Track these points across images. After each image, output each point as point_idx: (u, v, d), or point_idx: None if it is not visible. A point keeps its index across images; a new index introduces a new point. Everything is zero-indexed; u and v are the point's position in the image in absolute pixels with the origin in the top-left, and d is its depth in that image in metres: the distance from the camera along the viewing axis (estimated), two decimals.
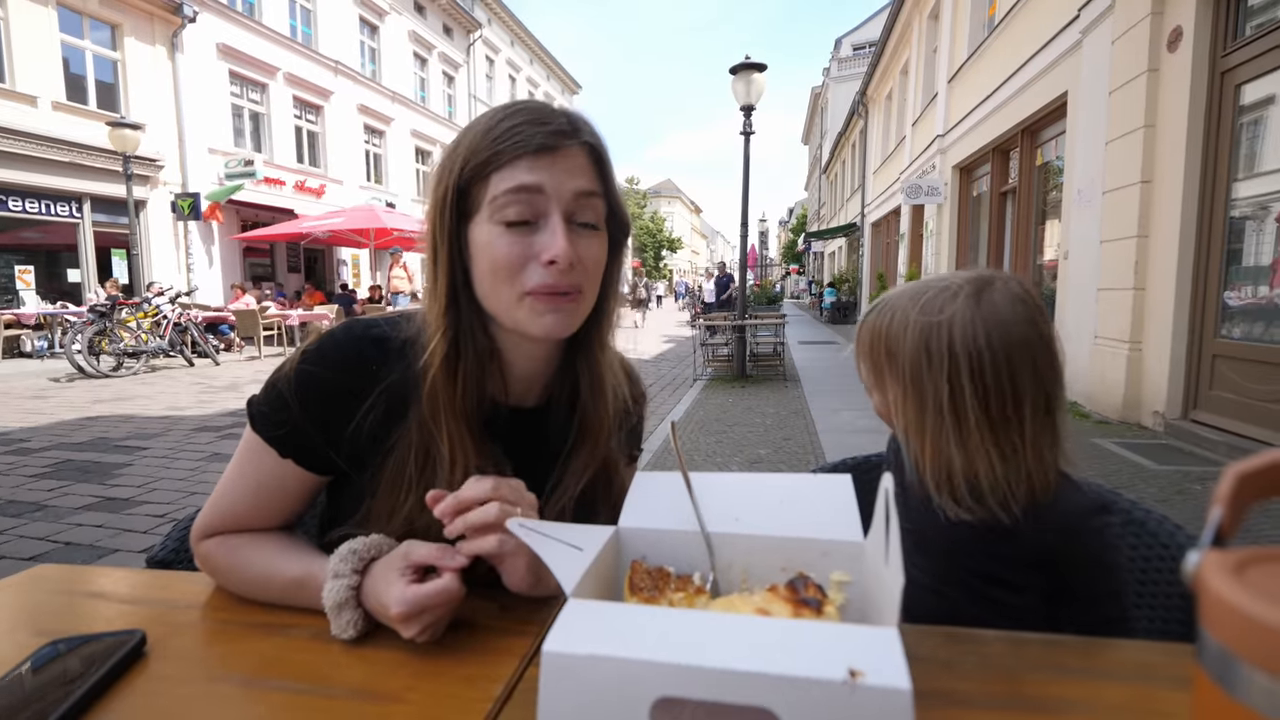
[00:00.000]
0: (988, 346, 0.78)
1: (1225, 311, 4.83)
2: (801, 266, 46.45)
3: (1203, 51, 4.82)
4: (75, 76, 11.92)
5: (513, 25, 27.31)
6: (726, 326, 9.03)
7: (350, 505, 0.79)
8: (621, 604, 0.52)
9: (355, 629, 0.65)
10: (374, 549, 0.70)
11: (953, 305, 0.80)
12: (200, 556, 0.79)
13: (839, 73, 31.39)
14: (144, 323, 9.47)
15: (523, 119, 0.72)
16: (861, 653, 0.41)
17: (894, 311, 0.85)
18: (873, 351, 0.87)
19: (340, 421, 0.76)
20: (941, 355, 0.79)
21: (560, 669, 0.43)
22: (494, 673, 0.60)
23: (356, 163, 18.73)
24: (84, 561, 2.89)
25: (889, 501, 0.50)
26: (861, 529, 0.61)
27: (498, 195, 0.70)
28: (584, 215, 0.74)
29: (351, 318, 0.82)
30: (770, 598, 0.54)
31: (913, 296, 0.84)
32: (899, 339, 0.83)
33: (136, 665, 0.61)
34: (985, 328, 0.79)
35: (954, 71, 10.95)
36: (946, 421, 0.80)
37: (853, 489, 0.65)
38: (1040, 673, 0.59)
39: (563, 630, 0.44)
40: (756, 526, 0.63)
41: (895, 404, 0.85)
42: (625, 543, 0.65)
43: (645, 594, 0.57)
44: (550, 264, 0.70)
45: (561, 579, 0.53)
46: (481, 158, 0.71)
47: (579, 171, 0.73)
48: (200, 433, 5.48)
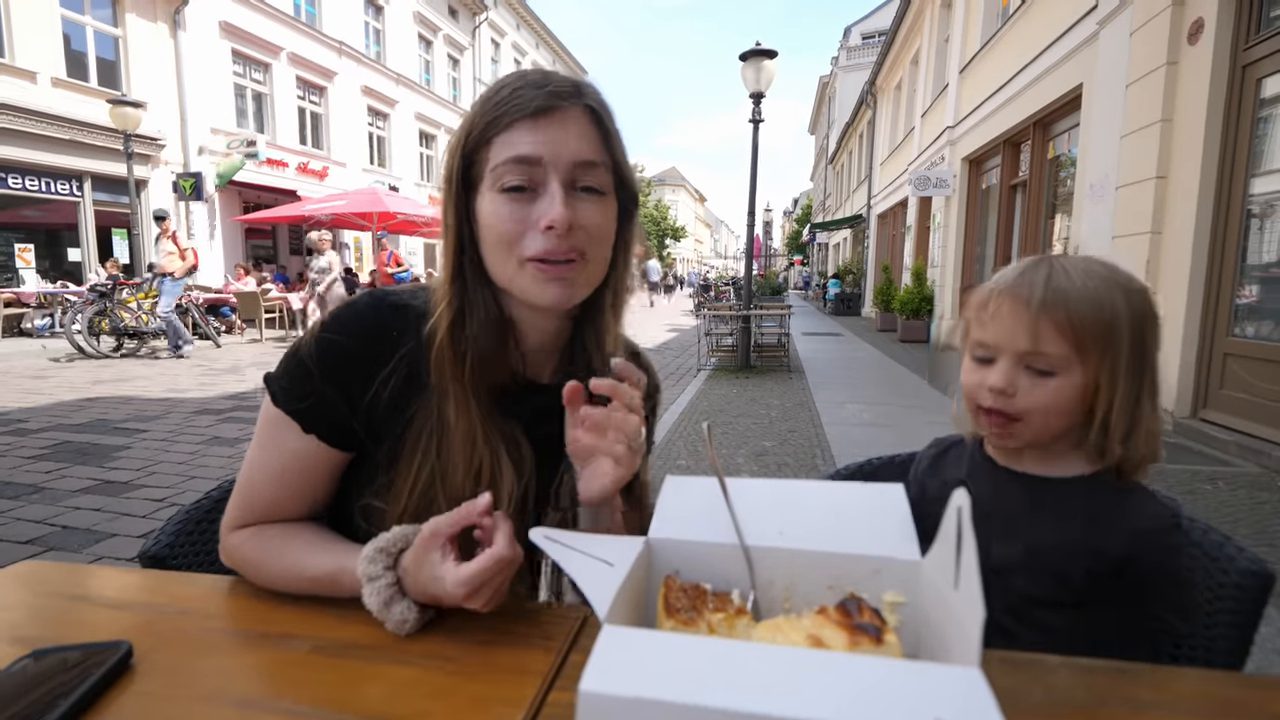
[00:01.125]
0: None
1: (1238, 310, 4.76)
2: (805, 258, 46.12)
3: (1224, 44, 4.72)
4: (76, 53, 11.79)
5: (519, 8, 27.03)
6: (731, 316, 8.96)
7: (361, 484, 0.79)
8: (664, 634, 0.46)
9: (412, 622, 0.63)
10: (400, 542, 0.67)
11: (1115, 270, 0.80)
12: (229, 549, 0.78)
13: (847, 62, 31.05)
14: (145, 303, 9.41)
15: (523, 83, 0.72)
16: (947, 699, 0.36)
17: (1078, 278, 0.78)
18: (1089, 322, 0.77)
19: (361, 389, 0.75)
20: (1147, 316, 0.78)
21: (600, 712, 0.37)
22: (513, 695, 0.55)
23: (360, 145, 18.57)
24: (81, 546, 2.86)
25: (963, 520, 0.45)
26: (918, 546, 0.56)
27: (498, 164, 0.70)
28: (586, 180, 0.73)
29: (371, 288, 0.81)
30: (821, 621, 0.49)
31: (1069, 271, 0.79)
32: (1112, 304, 0.77)
33: (121, 680, 0.56)
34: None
35: (966, 62, 10.80)
36: (1148, 393, 0.79)
37: (907, 501, 0.60)
38: (1111, 706, 0.54)
39: (601, 666, 0.39)
40: (802, 540, 0.58)
41: (1109, 378, 0.78)
42: (657, 555, 0.59)
43: (682, 615, 0.52)
44: (548, 229, 0.69)
45: (593, 600, 0.47)
46: (482, 125, 0.72)
47: (579, 136, 0.72)
48: (200, 415, 5.44)
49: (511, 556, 0.61)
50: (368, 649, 0.61)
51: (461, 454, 0.74)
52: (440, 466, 0.74)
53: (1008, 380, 0.78)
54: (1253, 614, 0.85)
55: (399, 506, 0.75)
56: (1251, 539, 2.91)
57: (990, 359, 0.81)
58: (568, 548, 0.53)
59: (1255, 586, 0.84)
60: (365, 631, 0.64)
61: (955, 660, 0.42)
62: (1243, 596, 0.85)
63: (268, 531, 0.76)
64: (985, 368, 0.82)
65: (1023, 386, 0.78)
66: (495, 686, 0.56)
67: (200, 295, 10.95)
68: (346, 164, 17.81)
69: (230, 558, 0.78)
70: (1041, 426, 0.79)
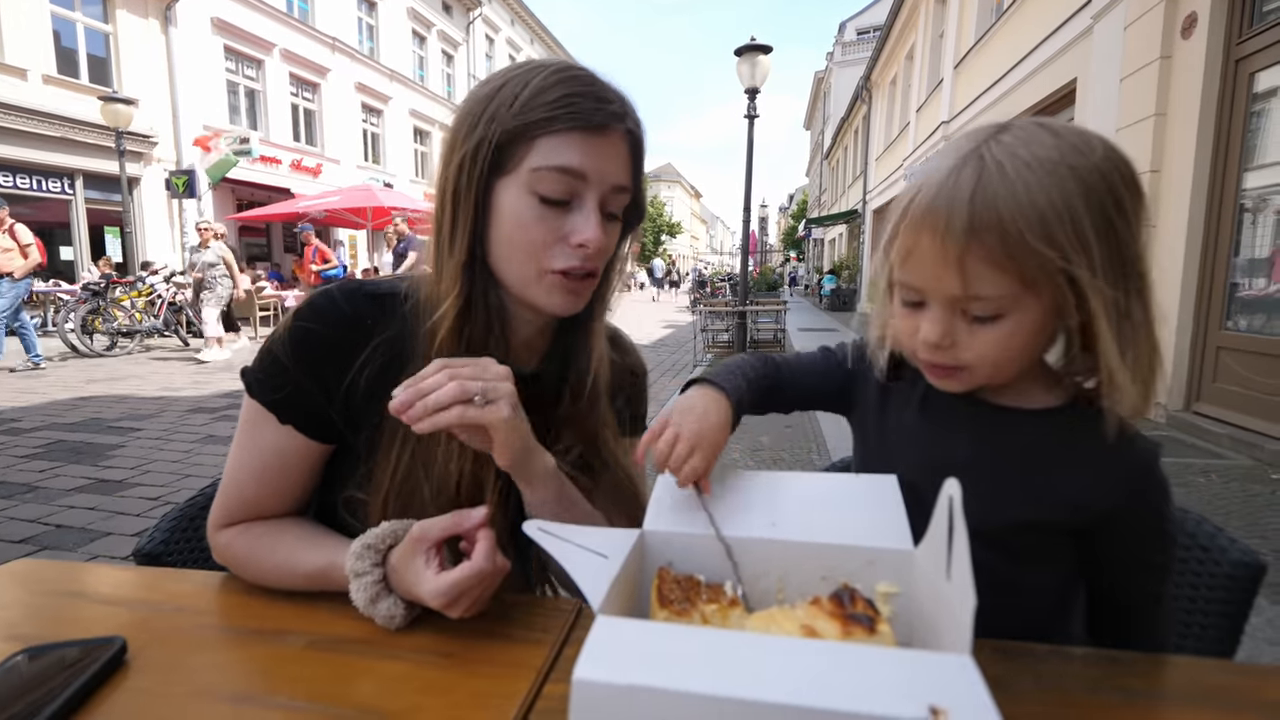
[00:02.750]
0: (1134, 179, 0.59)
1: (1231, 303, 4.78)
2: (801, 254, 45.83)
3: (1217, 38, 4.73)
4: (66, 49, 11.68)
5: (513, 3, 26.91)
6: (727, 312, 8.97)
7: (344, 475, 0.79)
8: (657, 623, 0.46)
9: (400, 618, 0.63)
10: (388, 538, 0.67)
11: (1064, 139, 0.58)
12: (218, 548, 0.78)
13: (843, 57, 31.02)
14: (138, 302, 9.36)
15: (580, 88, 0.70)
16: (939, 687, 0.36)
17: (1014, 173, 0.56)
18: (1031, 244, 0.56)
19: (337, 378, 0.74)
20: (1115, 194, 0.58)
21: (594, 700, 0.38)
22: (508, 689, 0.55)
23: (354, 142, 18.48)
24: (75, 545, 2.85)
25: (954, 509, 0.45)
26: (911, 536, 0.56)
27: (540, 166, 0.68)
28: (612, 205, 0.74)
29: (345, 278, 0.80)
30: (814, 612, 0.49)
31: (1004, 163, 0.57)
32: (1064, 201, 0.56)
33: (115, 676, 0.56)
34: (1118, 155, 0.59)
35: (960, 57, 10.80)
36: (1136, 298, 0.60)
37: (899, 491, 0.60)
38: (1103, 695, 0.54)
39: (595, 654, 0.39)
40: (794, 532, 0.58)
41: (1077, 295, 0.58)
42: (650, 547, 0.59)
43: (676, 606, 0.52)
44: (580, 247, 0.70)
45: (587, 591, 0.48)
46: (531, 117, 0.68)
47: (620, 162, 0.73)
48: (195, 414, 5.41)
49: (491, 570, 0.61)
50: (362, 644, 0.62)
51: (443, 442, 0.73)
52: (422, 453, 0.74)
53: (942, 332, 0.62)
54: (1243, 604, 0.86)
55: (380, 496, 0.74)
56: (1244, 531, 2.93)
57: (919, 302, 0.64)
58: (561, 539, 0.53)
59: (1246, 577, 0.86)
60: (359, 626, 0.64)
61: (947, 649, 0.43)
62: (1234, 586, 0.87)
63: (255, 529, 0.76)
64: (915, 312, 0.64)
65: (962, 335, 0.62)
66: (490, 680, 0.56)
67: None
68: (341, 161, 17.72)
69: (220, 557, 0.77)
70: (992, 373, 0.64)
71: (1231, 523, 3.02)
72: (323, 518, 0.81)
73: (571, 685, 0.38)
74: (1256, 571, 0.85)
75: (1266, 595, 2.23)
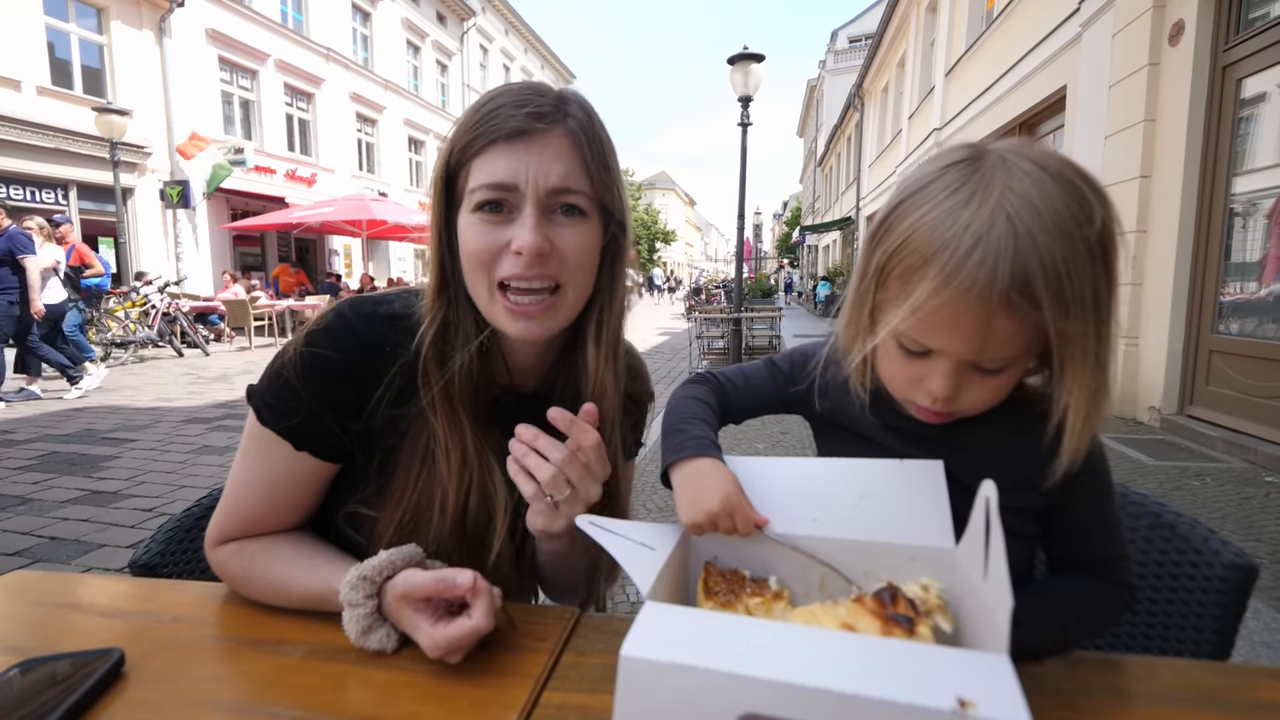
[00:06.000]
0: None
1: (1223, 307, 4.82)
2: (794, 260, 45.81)
3: (1204, 45, 4.79)
4: (60, 61, 11.68)
5: (507, 13, 27.02)
6: (723, 319, 8.98)
7: (349, 488, 0.78)
8: (702, 610, 0.48)
9: (391, 648, 0.63)
10: (385, 569, 0.65)
11: (1069, 197, 0.57)
12: (216, 564, 0.77)
13: (835, 65, 31.27)
14: (132, 312, 9.33)
15: (503, 100, 0.71)
16: (971, 680, 0.37)
17: (1039, 233, 0.54)
18: (1055, 309, 0.55)
19: (354, 406, 0.74)
20: (1109, 256, 0.58)
21: (639, 675, 0.39)
22: (507, 697, 0.55)
23: (348, 152, 18.50)
24: (69, 557, 2.83)
25: (990, 510, 0.46)
26: (954, 532, 0.56)
27: (475, 187, 0.70)
28: (565, 201, 0.71)
29: (359, 295, 0.79)
30: (856, 610, 0.50)
31: (1030, 224, 0.55)
32: (1080, 268, 0.55)
33: (113, 688, 0.56)
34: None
35: (951, 64, 10.90)
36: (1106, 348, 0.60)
37: (944, 479, 0.60)
38: (1097, 696, 0.55)
39: (642, 634, 0.41)
40: (836, 528, 0.59)
41: (1069, 348, 0.59)
42: (696, 542, 0.61)
43: (720, 598, 0.54)
44: (517, 254, 0.69)
45: (636, 579, 0.50)
46: (462, 144, 0.71)
47: (558, 161, 0.70)
48: (190, 424, 5.39)
49: (488, 629, 0.60)
50: (360, 654, 0.62)
51: (454, 468, 0.73)
52: (439, 477, 0.74)
53: (954, 388, 0.61)
54: (1237, 606, 0.87)
55: (393, 516, 0.74)
56: (1238, 534, 2.94)
57: (923, 353, 0.62)
58: (611, 533, 0.55)
59: (1239, 579, 0.86)
60: None
61: (984, 647, 0.44)
62: (1227, 589, 0.87)
63: (250, 548, 0.75)
64: (916, 360, 0.63)
65: (967, 387, 0.62)
66: (489, 689, 0.57)
67: (188, 303, 10.86)
68: (335, 170, 17.74)
69: (219, 572, 0.77)
70: (980, 411, 0.65)
71: (1227, 526, 3.03)
72: (318, 528, 0.81)
73: (619, 660, 0.40)
74: (1249, 574, 0.85)
75: (1264, 599, 2.24)
